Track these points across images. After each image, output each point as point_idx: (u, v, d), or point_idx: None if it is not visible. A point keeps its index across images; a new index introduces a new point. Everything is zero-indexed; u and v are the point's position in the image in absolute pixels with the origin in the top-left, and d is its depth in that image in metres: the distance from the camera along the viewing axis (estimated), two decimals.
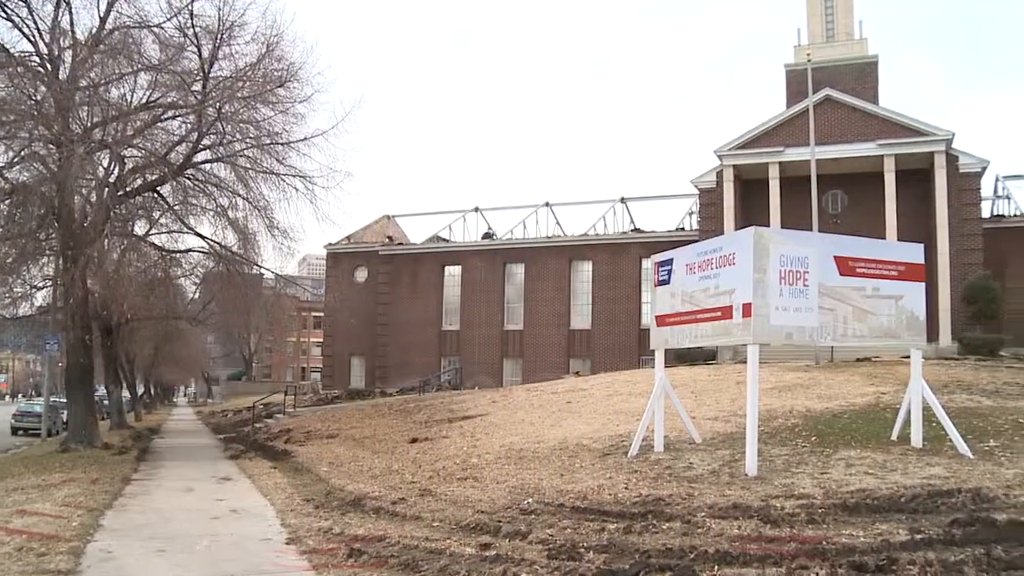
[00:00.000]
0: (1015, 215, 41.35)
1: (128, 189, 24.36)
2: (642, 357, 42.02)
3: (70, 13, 22.84)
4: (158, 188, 24.99)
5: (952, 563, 7.04)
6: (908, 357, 14.46)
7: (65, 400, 29.67)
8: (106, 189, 23.15)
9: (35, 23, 22.61)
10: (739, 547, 7.99)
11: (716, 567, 7.42)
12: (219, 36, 22.92)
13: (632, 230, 48.39)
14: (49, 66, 22.27)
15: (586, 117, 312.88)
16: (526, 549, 8.63)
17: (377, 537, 9.62)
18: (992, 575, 6.74)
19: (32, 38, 22.66)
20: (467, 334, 49.76)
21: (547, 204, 50.89)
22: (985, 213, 40.22)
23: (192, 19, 22.66)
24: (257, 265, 27.53)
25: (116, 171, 24.34)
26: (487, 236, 52.22)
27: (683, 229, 45.58)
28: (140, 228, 28.27)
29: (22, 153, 22.00)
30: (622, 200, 49.58)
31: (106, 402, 41.30)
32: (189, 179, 24.92)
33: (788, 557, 7.50)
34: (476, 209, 53.14)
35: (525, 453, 16.24)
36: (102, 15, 22.69)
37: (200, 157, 24.41)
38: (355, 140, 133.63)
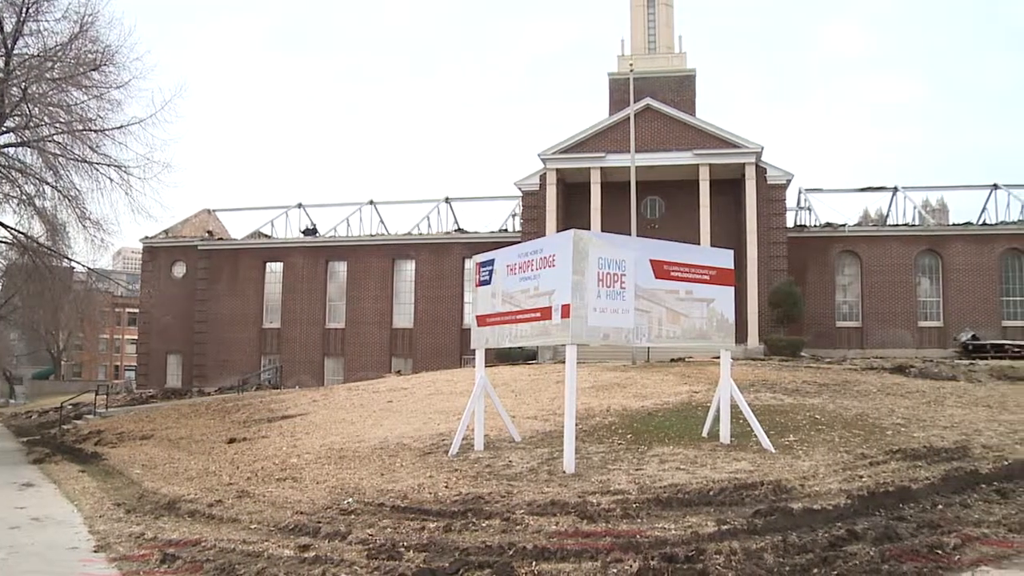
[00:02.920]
0: (815, 225, 44.15)
1: None
2: (464, 357, 42.33)
3: None
4: None
5: (754, 550, 7.52)
6: (719, 358, 15.18)
7: None
8: None
9: None
10: (556, 543, 8.21)
11: (534, 563, 7.59)
12: (24, 10, 21.61)
13: (456, 230, 48.59)
14: None
15: (411, 116, 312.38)
16: (346, 550, 8.59)
17: (192, 541, 9.36)
18: (788, 559, 7.21)
19: None
20: (288, 332, 48.74)
21: (371, 202, 50.45)
22: (789, 223, 42.70)
23: None
24: (67, 258, 26.30)
25: None
26: (308, 232, 51.21)
27: (506, 230, 46.13)
28: None
29: None
30: (446, 200, 49.70)
31: None
32: None
33: (603, 551, 7.76)
34: (299, 205, 52.09)
35: (345, 453, 16.09)
36: None
37: (2, 140, 22.97)
38: (175, 131, 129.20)
